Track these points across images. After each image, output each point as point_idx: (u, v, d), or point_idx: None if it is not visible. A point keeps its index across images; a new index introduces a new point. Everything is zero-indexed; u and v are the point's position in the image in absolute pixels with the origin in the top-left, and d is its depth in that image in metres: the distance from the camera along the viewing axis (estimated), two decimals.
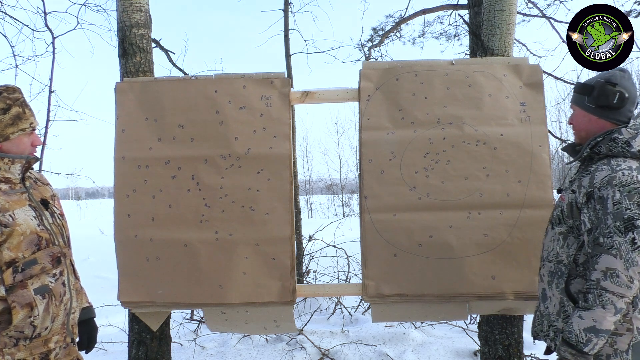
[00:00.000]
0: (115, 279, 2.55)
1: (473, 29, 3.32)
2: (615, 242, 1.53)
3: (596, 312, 1.52)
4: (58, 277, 1.75)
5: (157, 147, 2.55)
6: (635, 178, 1.57)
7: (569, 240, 1.74)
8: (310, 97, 2.62)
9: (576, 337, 1.54)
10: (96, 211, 26.37)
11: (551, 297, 1.78)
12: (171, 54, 3.94)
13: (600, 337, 1.53)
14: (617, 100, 1.68)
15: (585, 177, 1.69)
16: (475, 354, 3.87)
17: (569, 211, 1.73)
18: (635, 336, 1.60)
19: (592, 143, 1.71)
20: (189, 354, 4.06)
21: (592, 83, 1.75)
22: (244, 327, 2.64)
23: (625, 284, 1.50)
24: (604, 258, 1.53)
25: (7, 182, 1.71)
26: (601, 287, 1.52)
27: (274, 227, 2.49)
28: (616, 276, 1.51)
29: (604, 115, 1.72)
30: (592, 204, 1.61)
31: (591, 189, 1.62)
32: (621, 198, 1.55)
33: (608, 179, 1.59)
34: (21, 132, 1.72)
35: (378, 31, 7.49)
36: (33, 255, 1.68)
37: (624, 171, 1.59)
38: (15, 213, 1.66)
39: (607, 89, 1.69)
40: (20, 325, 1.62)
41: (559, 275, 1.75)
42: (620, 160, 1.63)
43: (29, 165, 1.78)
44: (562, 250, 1.75)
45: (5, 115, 1.68)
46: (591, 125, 1.76)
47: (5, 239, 1.62)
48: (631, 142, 1.64)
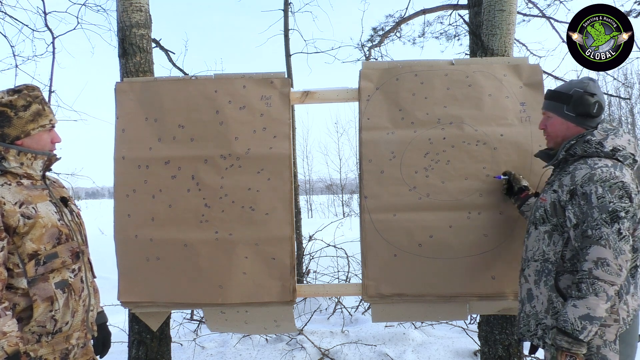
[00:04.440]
0: (115, 279, 2.55)
1: (473, 29, 3.32)
2: (604, 233, 1.62)
3: (590, 300, 1.60)
4: (77, 273, 1.79)
5: (157, 147, 2.55)
6: (613, 174, 1.68)
7: (555, 237, 1.81)
8: (310, 97, 2.62)
9: (572, 325, 1.60)
10: (96, 211, 26.32)
11: (538, 295, 1.83)
12: (171, 54, 3.95)
13: (594, 324, 1.60)
14: (597, 109, 1.81)
15: (565, 176, 1.80)
16: (475, 354, 3.87)
17: (552, 210, 1.81)
18: (621, 326, 1.70)
19: (567, 146, 1.84)
20: (189, 354, 4.06)
21: (569, 92, 1.86)
22: (244, 327, 2.64)
23: (615, 272, 1.59)
24: (594, 249, 1.62)
25: (29, 178, 1.76)
26: (593, 276, 1.60)
27: (274, 227, 2.49)
28: (607, 265, 1.60)
29: (581, 123, 1.85)
30: (577, 200, 1.71)
31: (574, 187, 1.73)
32: (604, 192, 1.66)
33: (589, 176, 1.70)
34: (41, 128, 1.77)
35: (378, 31, 7.49)
36: (54, 248, 1.71)
37: (602, 168, 1.70)
38: (37, 206, 1.70)
39: (586, 98, 1.81)
40: (42, 320, 1.66)
41: (546, 273, 1.81)
42: (596, 159, 1.75)
43: (50, 163, 1.82)
44: (549, 248, 1.82)
45: (26, 112, 1.73)
46: (569, 132, 1.89)
47: (28, 230, 1.65)
48: (603, 143, 1.77)
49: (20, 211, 1.65)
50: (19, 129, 1.72)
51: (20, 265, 1.64)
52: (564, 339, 1.62)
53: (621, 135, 1.80)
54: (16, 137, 1.72)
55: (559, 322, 1.64)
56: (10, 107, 1.70)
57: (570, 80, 1.92)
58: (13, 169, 1.70)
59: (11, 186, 1.68)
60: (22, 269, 1.64)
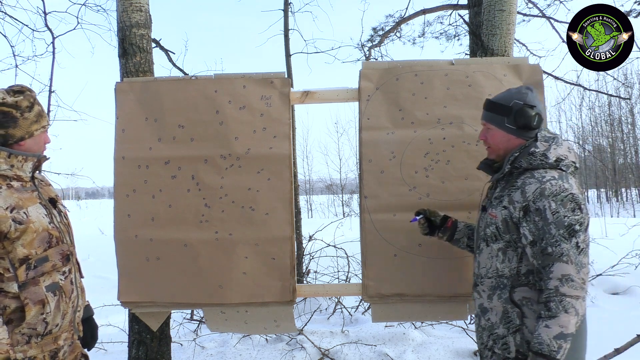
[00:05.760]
0: (115, 279, 2.55)
1: (473, 29, 3.32)
2: (564, 249, 1.62)
3: (561, 319, 1.59)
4: (67, 275, 1.79)
5: (157, 147, 2.55)
6: (562, 187, 1.68)
7: (509, 254, 1.79)
8: (310, 97, 2.62)
9: (548, 346, 1.59)
10: (96, 211, 26.36)
11: (491, 308, 1.82)
12: (171, 54, 3.95)
13: (567, 341, 1.59)
14: (537, 122, 1.79)
15: (514, 192, 1.77)
16: (475, 354, 3.87)
17: (504, 227, 1.78)
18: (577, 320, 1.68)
19: (511, 159, 1.81)
20: (189, 354, 4.06)
21: (509, 104, 1.83)
22: (244, 327, 2.64)
23: (579, 286, 1.60)
24: (557, 266, 1.62)
25: (19, 180, 1.74)
26: (560, 293, 1.60)
27: (274, 227, 2.49)
28: (571, 280, 1.60)
29: (522, 135, 1.83)
30: (531, 217, 1.69)
31: (526, 203, 1.71)
32: (557, 207, 1.65)
33: (540, 191, 1.68)
34: (42, 129, 1.79)
35: (378, 31, 7.50)
36: (45, 252, 1.71)
37: (551, 182, 1.69)
38: (28, 210, 1.69)
39: (526, 111, 1.78)
40: (33, 322, 1.65)
41: (501, 287, 1.80)
42: (543, 172, 1.73)
43: (39, 164, 1.81)
44: (504, 265, 1.80)
45: (31, 113, 1.74)
46: (510, 144, 1.86)
47: (19, 235, 1.64)
48: (547, 154, 1.76)
49: (12, 216, 1.63)
50: (24, 130, 1.71)
51: (11, 269, 1.63)
52: None
53: (561, 144, 1.80)
54: (20, 138, 1.71)
55: (534, 345, 1.62)
56: (16, 108, 1.69)
57: (509, 90, 1.89)
58: (3, 171, 1.68)
59: (2, 190, 1.65)
60: (12, 273, 1.63)
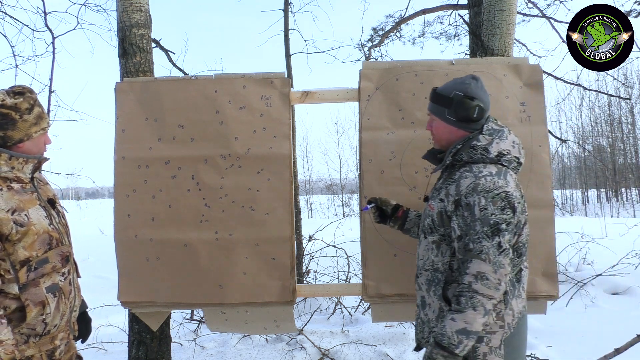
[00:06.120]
0: (115, 279, 2.55)
1: (473, 29, 3.32)
2: (484, 247, 1.60)
3: (468, 315, 1.58)
4: (67, 276, 1.79)
5: (157, 147, 2.55)
6: (497, 184, 1.65)
7: (442, 248, 1.78)
8: (310, 97, 2.62)
9: (448, 339, 1.59)
10: (96, 211, 26.35)
11: (430, 304, 1.81)
12: (171, 54, 3.95)
13: (470, 338, 1.59)
14: (477, 113, 1.76)
15: (451, 185, 1.75)
16: None
17: (439, 220, 1.77)
18: (506, 331, 1.70)
19: (453, 151, 1.79)
20: (189, 354, 4.06)
21: (450, 95, 1.80)
22: (244, 327, 2.64)
23: (494, 286, 1.59)
24: (475, 263, 1.61)
25: (19, 182, 1.74)
26: (473, 289, 1.59)
27: (274, 227, 2.49)
28: (486, 279, 1.59)
29: (464, 127, 1.80)
30: (461, 211, 1.68)
31: (458, 197, 1.69)
32: (486, 204, 1.63)
33: (473, 186, 1.66)
34: (42, 131, 1.78)
35: (378, 31, 7.50)
36: (45, 254, 1.71)
37: (486, 177, 1.67)
38: (29, 212, 1.69)
39: (466, 102, 1.75)
40: (33, 323, 1.66)
41: (436, 282, 1.79)
42: (481, 167, 1.71)
43: (39, 165, 1.81)
44: (438, 259, 1.79)
45: (31, 115, 1.73)
46: (452, 135, 1.83)
47: (20, 237, 1.65)
48: (489, 149, 1.73)
49: (13, 218, 1.63)
50: (23, 132, 1.71)
51: (11, 271, 1.63)
52: (440, 353, 1.61)
53: (506, 137, 1.77)
54: (19, 140, 1.71)
55: (437, 335, 1.63)
56: (15, 110, 1.69)
57: (455, 79, 1.85)
58: (4, 173, 1.68)
59: (3, 192, 1.66)
60: (13, 275, 1.63)
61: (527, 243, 1.79)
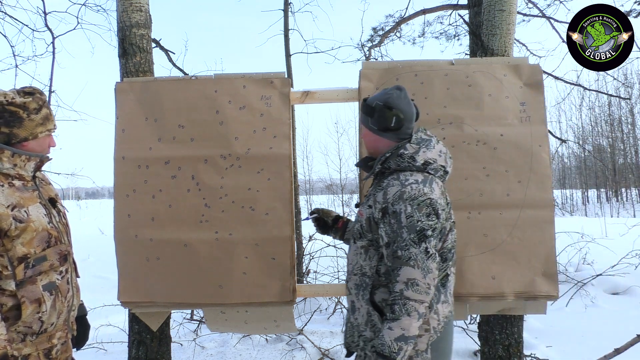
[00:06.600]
0: (115, 279, 2.55)
1: (473, 29, 3.32)
2: (412, 253, 1.64)
3: (403, 321, 1.61)
4: (64, 275, 1.80)
5: (157, 147, 2.55)
6: (422, 191, 1.70)
7: (370, 253, 1.82)
8: (310, 97, 2.62)
9: (389, 347, 1.62)
10: (96, 211, 26.34)
11: (359, 308, 1.83)
12: (171, 54, 3.95)
13: (409, 343, 1.63)
14: (395, 123, 1.81)
15: (379, 192, 1.79)
16: (475, 354, 3.87)
17: (367, 226, 1.81)
18: (432, 335, 1.74)
19: (382, 159, 1.83)
20: (189, 354, 4.06)
21: (372, 104, 1.86)
22: (244, 327, 2.64)
23: (424, 290, 1.63)
24: (404, 270, 1.64)
25: (21, 179, 1.76)
26: (405, 297, 1.62)
27: (274, 227, 2.49)
28: (416, 285, 1.62)
29: (386, 136, 1.85)
30: (388, 219, 1.72)
31: (385, 204, 1.73)
32: (412, 211, 1.67)
33: (399, 194, 1.71)
34: (47, 132, 1.81)
35: (378, 31, 7.49)
36: (43, 252, 1.72)
37: (412, 185, 1.71)
38: (29, 209, 1.71)
39: (385, 112, 1.81)
40: (29, 321, 1.67)
41: (364, 287, 1.82)
42: (408, 175, 1.76)
43: (42, 164, 1.83)
44: (365, 263, 1.83)
45: (38, 115, 1.76)
46: (378, 144, 1.88)
47: (19, 234, 1.66)
48: (415, 157, 1.78)
49: (13, 214, 1.65)
50: (29, 131, 1.73)
51: (9, 267, 1.64)
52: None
53: (433, 147, 1.82)
54: (24, 139, 1.73)
55: (377, 345, 1.66)
56: (24, 108, 1.72)
57: (383, 90, 1.90)
58: (6, 170, 1.70)
59: (3, 188, 1.67)
60: (11, 271, 1.64)
61: (452, 249, 1.84)
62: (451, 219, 1.83)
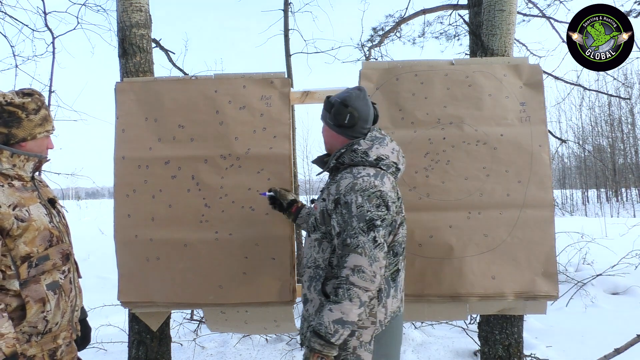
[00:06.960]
0: (115, 279, 2.55)
1: (473, 29, 3.32)
2: (360, 241, 1.69)
3: (344, 305, 1.65)
4: (67, 274, 1.80)
5: (157, 147, 2.55)
6: (372, 183, 1.76)
7: (324, 245, 1.87)
8: (310, 97, 2.62)
9: (325, 328, 1.66)
10: (96, 211, 26.35)
11: (312, 299, 1.87)
12: (171, 54, 3.96)
13: (346, 328, 1.66)
14: (348, 120, 1.86)
15: (332, 185, 1.86)
16: (475, 354, 3.87)
17: (321, 218, 1.87)
18: (377, 328, 1.77)
19: (337, 154, 1.89)
20: (189, 354, 4.06)
21: (332, 101, 1.92)
22: (244, 327, 2.64)
23: (369, 278, 1.67)
24: (352, 257, 1.69)
25: (20, 180, 1.76)
26: (349, 282, 1.67)
27: (274, 227, 2.49)
28: (362, 272, 1.67)
29: (341, 132, 1.90)
30: (340, 209, 1.77)
31: (338, 196, 1.79)
32: (363, 202, 1.72)
33: (351, 185, 1.76)
34: (46, 133, 1.82)
35: (378, 31, 7.49)
36: (45, 251, 1.73)
37: (364, 177, 1.77)
38: (30, 209, 1.72)
39: (340, 109, 1.87)
40: (34, 321, 1.67)
41: (317, 279, 1.86)
42: (361, 169, 1.82)
43: (40, 165, 1.84)
44: (319, 256, 1.87)
45: (36, 116, 1.77)
46: (334, 140, 1.95)
47: (21, 233, 1.66)
48: (368, 152, 1.84)
49: (14, 214, 1.65)
50: (27, 131, 1.74)
51: (12, 267, 1.65)
52: (317, 341, 1.67)
53: (386, 144, 1.88)
54: (22, 139, 1.74)
55: (315, 324, 1.69)
56: (23, 109, 1.73)
57: (346, 89, 1.96)
58: (5, 170, 1.71)
59: (4, 188, 1.68)
60: (14, 271, 1.65)
61: (403, 243, 1.88)
62: (402, 213, 1.87)
